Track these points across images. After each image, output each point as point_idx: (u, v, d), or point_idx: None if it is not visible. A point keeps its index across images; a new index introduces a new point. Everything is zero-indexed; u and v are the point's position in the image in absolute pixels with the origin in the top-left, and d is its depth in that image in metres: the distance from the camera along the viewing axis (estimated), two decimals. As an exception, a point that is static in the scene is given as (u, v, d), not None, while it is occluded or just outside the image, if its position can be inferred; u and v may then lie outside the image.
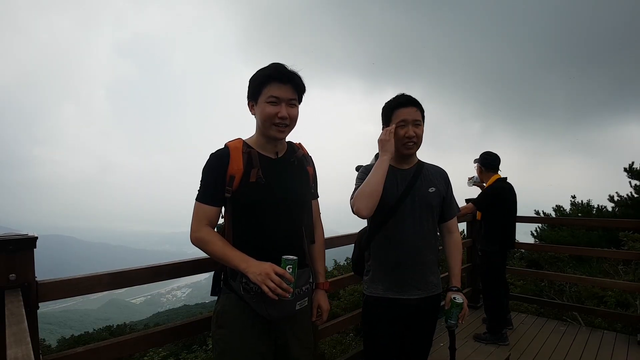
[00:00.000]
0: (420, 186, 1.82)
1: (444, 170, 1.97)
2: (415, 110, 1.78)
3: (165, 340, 1.80)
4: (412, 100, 1.79)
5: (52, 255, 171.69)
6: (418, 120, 1.78)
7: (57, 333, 23.40)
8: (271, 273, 1.33)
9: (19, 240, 1.29)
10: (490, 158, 3.69)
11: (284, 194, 1.51)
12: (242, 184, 1.46)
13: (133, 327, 11.67)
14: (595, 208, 8.55)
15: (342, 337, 4.93)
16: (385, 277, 1.84)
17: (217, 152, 1.50)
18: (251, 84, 1.50)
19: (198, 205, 1.48)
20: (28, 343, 0.89)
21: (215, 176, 1.46)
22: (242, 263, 1.38)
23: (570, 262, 6.93)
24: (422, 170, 1.87)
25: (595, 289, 5.18)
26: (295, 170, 1.59)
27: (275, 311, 1.44)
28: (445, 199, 1.89)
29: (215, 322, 1.52)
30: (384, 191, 1.73)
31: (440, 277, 1.93)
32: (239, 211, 1.49)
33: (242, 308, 1.47)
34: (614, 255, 5.04)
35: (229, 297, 1.50)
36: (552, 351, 3.39)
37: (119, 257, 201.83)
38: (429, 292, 1.83)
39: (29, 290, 1.31)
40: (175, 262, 1.76)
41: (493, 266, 3.65)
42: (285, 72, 1.45)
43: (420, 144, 1.83)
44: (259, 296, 1.40)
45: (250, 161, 1.48)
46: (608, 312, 4.17)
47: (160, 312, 29.27)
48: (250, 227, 1.48)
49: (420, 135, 1.79)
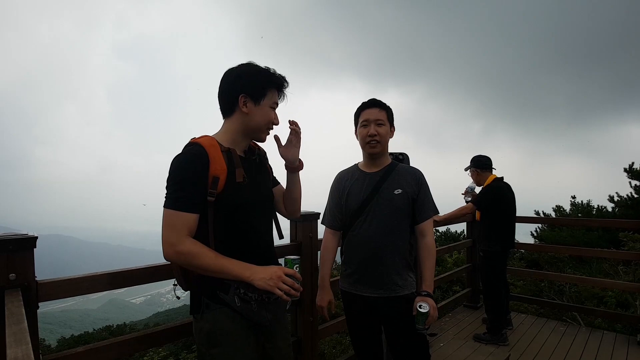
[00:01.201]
0: (386, 188, 1.86)
1: (418, 171, 1.95)
2: (378, 110, 1.88)
3: (165, 340, 1.80)
4: (376, 102, 1.91)
5: (52, 255, 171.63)
6: (380, 119, 1.86)
7: (57, 333, 23.39)
8: (282, 275, 1.30)
9: (19, 240, 1.29)
10: (484, 159, 3.73)
11: (263, 193, 1.50)
12: (227, 185, 1.33)
13: (133, 327, 11.65)
14: (595, 208, 8.55)
15: (342, 337, 4.92)
16: (351, 273, 1.95)
17: (192, 151, 1.32)
18: (252, 81, 1.40)
19: (173, 213, 1.27)
20: (28, 343, 0.89)
21: (195, 178, 1.29)
22: (245, 271, 1.29)
23: (570, 262, 6.93)
24: (392, 173, 1.90)
25: (595, 290, 5.18)
26: (260, 168, 1.55)
27: (271, 314, 1.44)
28: (415, 201, 1.88)
29: (207, 343, 1.36)
30: (351, 196, 1.92)
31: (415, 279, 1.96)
32: (223, 215, 1.35)
33: (237, 322, 1.37)
34: (614, 255, 5.04)
35: (221, 312, 1.35)
36: (552, 351, 3.39)
37: (119, 257, 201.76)
38: (391, 293, 1.86)
39: (29, 290, 1.31)
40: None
41: (494, 266, 3.64)
42: (286, 84, 1.48)
43: (385, 143, 1.89)
44: (260, 303, 1.38)
45: (232, 160, 1.37)
46: (608, 312, 4.17)
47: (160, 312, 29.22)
48: (235, 230, 1.38)
49: (383, 134, 1.86)
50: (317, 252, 2.43)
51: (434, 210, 1.94)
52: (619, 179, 8.04)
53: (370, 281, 1.88)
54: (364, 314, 1.93)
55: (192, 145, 1.34)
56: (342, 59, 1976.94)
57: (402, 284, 1.87)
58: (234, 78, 1.40)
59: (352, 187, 1.95)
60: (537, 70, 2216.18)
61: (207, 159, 1.31)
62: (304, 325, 2.35)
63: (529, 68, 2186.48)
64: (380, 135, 1.85)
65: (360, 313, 1.94)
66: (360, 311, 1.93)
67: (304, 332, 2.35)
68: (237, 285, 1.34)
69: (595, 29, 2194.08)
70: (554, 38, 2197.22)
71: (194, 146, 1.34)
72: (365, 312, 1.92)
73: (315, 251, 2.41)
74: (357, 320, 1.98)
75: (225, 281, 1.34)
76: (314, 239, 2.39)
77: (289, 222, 2.34)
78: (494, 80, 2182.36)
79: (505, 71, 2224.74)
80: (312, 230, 2.38)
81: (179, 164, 1.31)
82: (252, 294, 1.35)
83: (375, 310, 1.89)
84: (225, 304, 1.35)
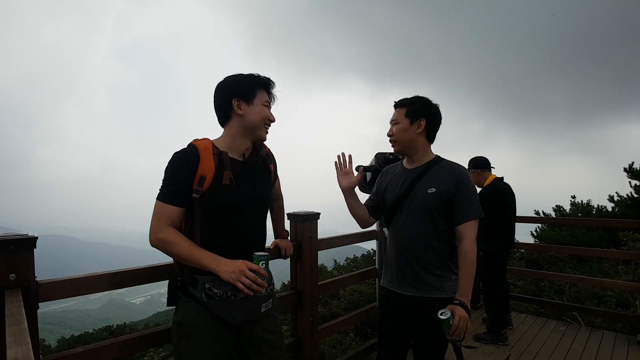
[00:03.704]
0: (421, 186, 1.82)
1: (460, 170, 1.84)
2: (396, 111, 1.91)
3: (165, 340, 1.80)
4: (395, 103, 1.93)
5: (52, 255, 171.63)
6: (395, 119, 1.89)
7: (57, 333, 23.38)
8: (245, 269, 1.36)
9: (19, 240, 1.29)
10: (482, 159, 3.75)
11: (252, 195, 1.55)
12: (213, 185, 1.43)
13: (133, 327, 11.64)
14: (595, 208, 8.55)
15: (342, 337, 4.93)
16: (388, 269, 1.96)
17: (185, 151, 1.46)
18: (241, 85, 1.52)
19: (160, 205, 1.42)
20: (28, 343, 0.89)
21: (183, 176, 1.42)
22: (212, 263, 1.37)
23: (570, 262, 6.93)
24: (430, 170, 1.84)
25: (595, 289, 5.18)
26: (259, 170, 1.63)
27: (241, 315, 1.47)
28: (452, 201, 1.77)
29: (177, 334, 1.47)
30: (388, 191, 1.94)
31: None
32: (207, 212, 1.45)
33: (204, 316, 1.44)
34: (614, 255, 5.04)
35: (190, 306, 1.45)
36: (552, 351, 3.39)
37: (119, 257, 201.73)
38: (424, 293, 1.79)
39: (29, 290, 1.31)
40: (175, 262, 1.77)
41: (494, 266, 3.65)
42: (272, 84, 1.59)
43: (402, 140, 1.87)
44: (224, 301, 1.44)
45: (222, 163, 1.47)
46: (608, 312, 4.18)
47: (160, 312, 29.21)
48: (219, 228, 1.47)
49: (395, 132, 1.87)
50: (317, 252, 2.44)
51: (475, 213, 1.78)
52: (619, 178, 8.05)
53: (405, 279, 1.84)
54: (397, 315, 1.88)
55: (188, 146, 1.48)
56: (343, 59, 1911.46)
57: (438, 286, 1.78)
58: (225, 87, 1.54)
59: (390, 182, 1.95)
60: (538, 70, 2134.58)
61: (198, 159, 1.43)
62: (303, 325, 2.36)
63: (529, 68, 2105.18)
64: (394, 134, 1.88)
65: (394, 314, 1.89)
66: (394, 312, 1.89)
67: (304, 332, 2.36)
68: (203, 280, 1.43)
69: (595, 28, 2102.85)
70: (555, 38, 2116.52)
71: (188, 148, 1.47)
72: (398, 312, 1.87)
73: (315, 251, 2.41)
74: (388, 322, 1.93)
75: (194, 276, 1.44)
76: (314, 239, 2.39)
77: (289, 222, 2.34)
78: (494, 80, 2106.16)
79: (505, 71, 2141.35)
80: (312, 230, 2.38)
81: (171, 161, 1.45)
82: (217, 290, 1.42)
83: (408, 310, 1.84)
84: (194, 298, 1.45)
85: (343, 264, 9.45)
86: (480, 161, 3.73)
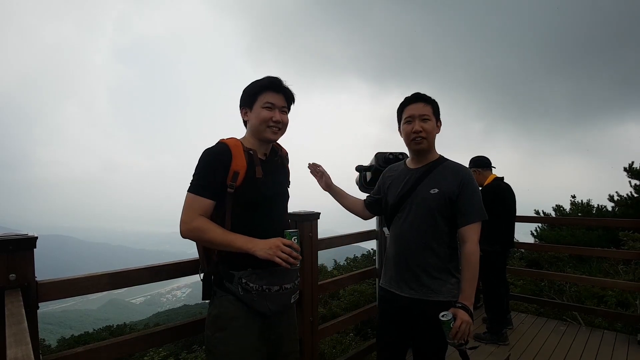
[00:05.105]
0: (423, 186, 1.79)
1: (464, 171, 1.80)
2: (422, 105, 1.79)
3: (165, 340, 1.80)
4: (420, 97, 1.81)
5: (52, 255, 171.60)
6: (425, 115, 1.78)
7: (57, 333, 23.39)
8: (281, 244, 1.43)
9: (19, 240, 1.29)
10: (483, 158, 3.76)
11: (277, 191, 1.66)
12: (246, 180, 1.51)
13: (133, 327, 11.65)
14: (595, 208, 8.55)
15: (342, 337, 4.93)
16: (387, 269, 1.93)
17: (217, 148, 1.53)
18: (246, 93, 1.63)
19: (192, 197, 1.47)
20: (28, 343, 0.89)
21: (216, 171, 1.48)
22: (248, 243, 1.44)
23: (570, 261, 6.93)
24: (434, 170, 1.81)
25: (595, 289, 5.19)
26: (279, 169, 1.73)
27: (274, 306, 1.54)
28: (455, 202, 1.74)
29: (213, 326, 1.53)
30: (390, 191, 1.93)
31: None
32: (239, 206, 1.52)
33: (240, 309, 1.51)
34: (614, 255, 5.05)
35: (226, 299, 1.52)
36: (552, 351, 3.39)
37: (118, 257, 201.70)
38: (422, 295, 1.75)
39: (29, 290, 1.31)
40: (175, 262, 1.77)
41: (494, 266, 3.64)
42: (279, 83, 1.61)
43: (431, 139, 1.81)
44: (260, 294, 1.51)
45: (252, 159, 1.56)
46: (608, 311, 4.18)
47: (160, 312, 29.24)
48: (248, 222, 1.53)
49: (428, 129, 1.78)
50: (317, 252, 2.44)
51: (479, 215, 1.74)
52: (619, 178, 8.05)
53: (404, 280, 1.80)
54: (395, 316, 1.86)
55: (219, 144, 1.56)
56: (344, 59, 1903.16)
57: (437, 289, 1.74)
58: (240, 99, 1.66)
59: (393, 182, 1.93)
60: (538, 71, 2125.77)
61: (230, 156, 1.50)
62: (304, 325, 2.36)
63: (529, 68, 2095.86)
64: (425, 131, 1.76)
65: (393, 315, 1.87)
66: (393, 313, 1.86)
67: (304, 332, 2.35)
68: (239, 275, 1.50)
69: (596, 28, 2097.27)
70: (555, 38, 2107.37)
71: (220, 144, 1.55)
72: (397, 313, 1.84)
73: (315, 251, 2.41)
74: (387, 322, 1.91)
75: (230, 272, 1.51)
76: (314, 239, 2.38)
77: (289, 221, 2.34)
78: (495, 80, 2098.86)
79: (505, 71, 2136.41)
80: (312, 230, 2.38)
81: (204, 156, 1.51)
82: (253, 284, 1.49)
83: (407, 311, 1.80)
84: (231, 292, 1.51)
85: (343, 264, 9.45)
86: (481, 160, 3.74)
